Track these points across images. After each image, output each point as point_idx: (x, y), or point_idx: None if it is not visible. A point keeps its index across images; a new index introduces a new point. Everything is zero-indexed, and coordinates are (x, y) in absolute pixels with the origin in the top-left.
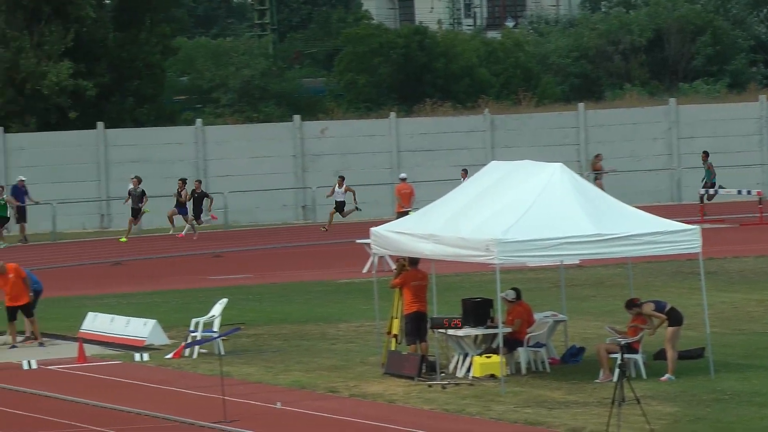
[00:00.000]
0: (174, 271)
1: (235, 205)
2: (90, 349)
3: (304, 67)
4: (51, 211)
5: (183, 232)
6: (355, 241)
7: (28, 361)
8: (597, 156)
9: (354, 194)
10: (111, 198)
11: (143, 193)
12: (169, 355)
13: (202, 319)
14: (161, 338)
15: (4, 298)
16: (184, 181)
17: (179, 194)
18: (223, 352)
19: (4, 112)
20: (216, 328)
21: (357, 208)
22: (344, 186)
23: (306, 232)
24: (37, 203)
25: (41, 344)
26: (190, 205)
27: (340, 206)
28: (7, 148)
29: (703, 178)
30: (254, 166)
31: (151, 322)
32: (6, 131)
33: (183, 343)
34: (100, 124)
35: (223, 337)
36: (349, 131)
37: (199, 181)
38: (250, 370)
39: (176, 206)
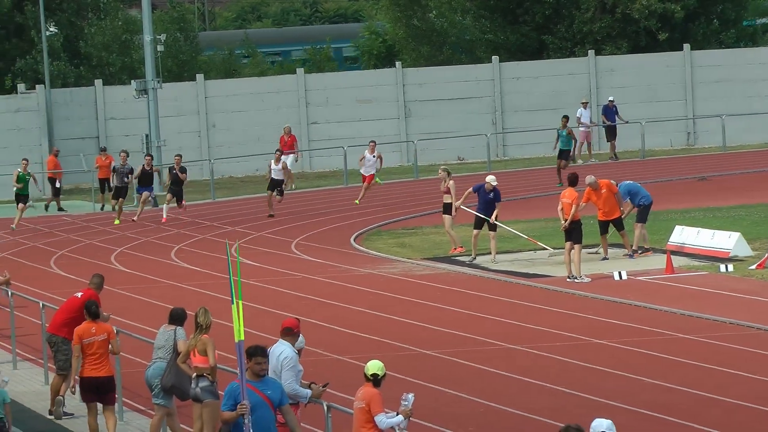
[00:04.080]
0: (758, 185)
1: None
2: (677, 261)
3: None
4: (640, 130)
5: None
6: None
7: (619, 272)
8: None
9: None
10: (696, 117)
11: (131, 170)
12: (753, 266)
13: None
14: (745, 250)
15: (597, 212)
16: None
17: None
18: None
19: (600, 36)
20: None
21: None
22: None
23: None
24: (626, 122)
25: (630, 256)
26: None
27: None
28: (598, 70)
29: None
30: None
31: (735, 235)
32: (597, 54)
33: (767, 255)
34: (686, 46)
35: None
36: None
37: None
38: None
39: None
